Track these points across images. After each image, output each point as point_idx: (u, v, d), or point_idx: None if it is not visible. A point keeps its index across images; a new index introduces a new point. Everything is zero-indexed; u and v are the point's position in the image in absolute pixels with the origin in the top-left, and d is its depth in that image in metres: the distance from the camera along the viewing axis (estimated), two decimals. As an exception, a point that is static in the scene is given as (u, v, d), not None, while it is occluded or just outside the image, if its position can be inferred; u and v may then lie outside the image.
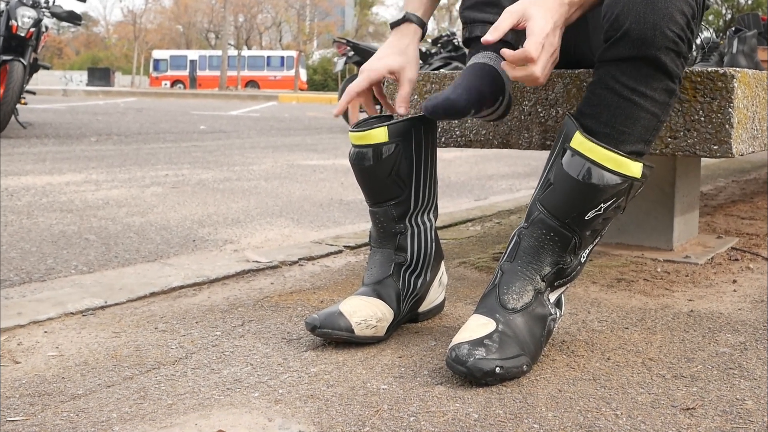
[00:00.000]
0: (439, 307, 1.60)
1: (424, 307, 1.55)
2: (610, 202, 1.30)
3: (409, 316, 1.53)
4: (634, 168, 1.29)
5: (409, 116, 1.47)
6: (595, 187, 1.28)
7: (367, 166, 1.47)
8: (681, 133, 1.68)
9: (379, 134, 1.45)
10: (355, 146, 1.48)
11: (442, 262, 1.59)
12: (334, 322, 1.38)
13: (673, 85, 1.33)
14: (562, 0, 1.35)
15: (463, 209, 3.03)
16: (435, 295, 1.57)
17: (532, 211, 1.35)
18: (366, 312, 1.41)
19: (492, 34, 1.29)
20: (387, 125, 1.44)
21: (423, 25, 1.59)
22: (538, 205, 1.34)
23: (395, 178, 1.47)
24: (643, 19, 1.27)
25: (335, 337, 1.38)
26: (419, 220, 1.52)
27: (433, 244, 1.54)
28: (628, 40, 1.29)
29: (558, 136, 1.36)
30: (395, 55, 1.55)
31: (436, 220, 1.57)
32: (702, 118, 1.66)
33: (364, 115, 1.53)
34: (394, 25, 1.60)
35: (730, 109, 1.64)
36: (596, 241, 1.38)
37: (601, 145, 1.28)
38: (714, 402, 1.17)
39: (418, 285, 1.51)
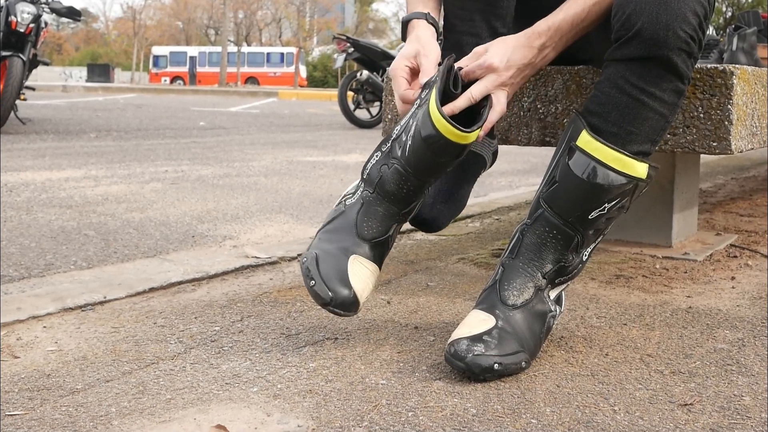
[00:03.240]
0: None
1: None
2: (614, 202, 1.30)
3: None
4: (639, 169, 1.29)
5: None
6: (600, 186, 1.28)
7: (446, 161, 1.35)
8: (680, 130, 1.68)
9: (473, 135, 1.33)
10: (448, 138, 1.32)
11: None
12: (346, 306, 1.33)
13: (682, 86, 1.33)
14: (533, 45, 1.41)
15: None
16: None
17: (535, 208, 1.35)
18: (371, 286, 1.37)
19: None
20: (480, 127, 1.36)
21: (433, 22, 1.55)
22: (542, 202, 1.34)
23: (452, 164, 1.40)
24: (656, 20, 1.27)
25: (342, 316, 1.35)
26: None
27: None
28: (639, 40, 1.28)
29: (564, 133, 1.36)
30: (409, 45, 1.50)
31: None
32: (701, 115, 1.66)
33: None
34: (404, 32, 1.56)
35: (729, 106, 1.64)
36: (599, 240, 1.38)
37: (607, 145, 1.28)
38: (712, 398, 1.17)
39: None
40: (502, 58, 1.39)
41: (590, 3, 1.41)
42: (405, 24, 1.55)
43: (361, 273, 1.35)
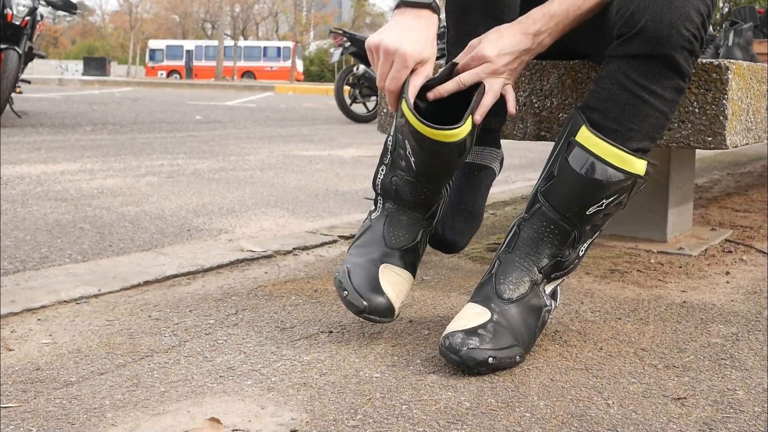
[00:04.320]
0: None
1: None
2: (612, 198, 1.30)
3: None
4: (638, 165, 1.29)
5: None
6: (599, 182, 1.28)
7: (451, 160, 1.35)
8: (675, 125, 1.68)
9: (466, 128, 1.32)
10: (437, 141, 1.31)
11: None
12: (381, 311, 1.34)
13: (683, 84, 1.33)
14: (527, 31, 1.41)
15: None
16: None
17: (533, 203, 1.35)
18: (405, 292, 1.39)
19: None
20: (471, 115, 1.34)
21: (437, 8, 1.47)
22: (540, 196, 1.34)
23: (459, 164, 1.39)
24: (660, 18, 1.26)
25: (380, 323, 1.36)
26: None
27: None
28: (643, 37, 1.28)
29: (564, 128, 1.36)
30: (425, 43, 1.39)
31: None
32: (696, 110, 1.66)
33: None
34: (413, 4, 1.40)
35: (724, 101, 1.64)
36: (595, 235, 1.39)
37: (606, 141, 1.28)
38: (705, 392, 1.18)
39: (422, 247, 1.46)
40: (494, 47, 1.40)
41: None
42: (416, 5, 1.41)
43: (393, 280, 1.37)
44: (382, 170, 1.44)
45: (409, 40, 1.37)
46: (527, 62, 1.46)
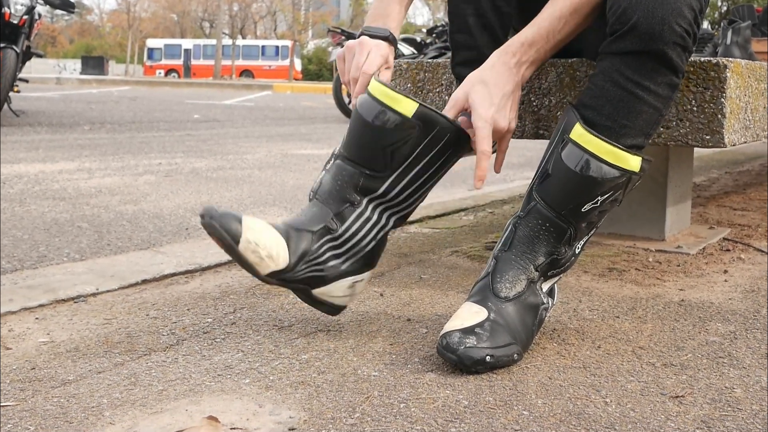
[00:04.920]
0: (334, 309, 1.41)
1: (318, 292, 1.38)
2: (607, 195, 1.30)
3: (294, 286, 1.36)
4: (633, 162, 1.29)
5: (447, 116, 1.36)
6: (593, 179, 1.28)
7: (375, 126, 1.34)
8: (673, 123, 1.68)
9: (408, 106, 1.32)
10: (374, 99, 1.34)
11: (369, 274, 1.42)
12: (226, 221, 1.28)
13: (676, 80, 1.33)
14: (509, 66, 1.39)
15: (456, 198, 3.04)
16: (337, 293, 1.39)
17: (528, 201, 1.35)
18: (263, 238, 1.30)
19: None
20: (420, 103, 1.33)
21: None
22: (535, 194, 1.34)
23: (387, 153, 1.35)
24: (652, 14, 1.27)
25: (216, 236, 1.28)
26: (377, 211, 1.39)
27: (372, 244, 1.40)
28: (635, 34, 1.28)
29: (558, 126, 1.36)
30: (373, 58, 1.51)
31: (393, 230, 1.44)
32: (694, 108, 1.66)
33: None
34: (372, 36, 1.55)
35: (722, 99, 1.64)
36: (591, 233, 1.39)
37: (600, 138, 1.28)
38: (703, 390, 1.18)
39: (329, 264, 1.36)
40: (486, 105, 1.36)
41: (567, 14, 1.38)
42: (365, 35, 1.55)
43: (258, 222, 1.32)
44: (321, 173, 1.42)
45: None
46: (521, 94, 1.46)
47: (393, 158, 1.35)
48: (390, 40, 1.54)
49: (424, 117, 1.33)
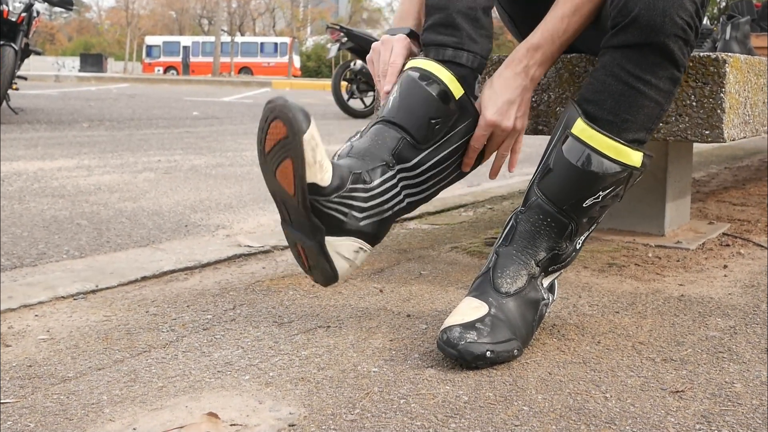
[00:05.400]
0: (331, 273, 1.36)
1: (330, 241, 1.33)
2: (608, 191, 1.30)
3: (314, 224, 1.32)
4: (634, 157, 1.29)
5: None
6: (595, 174, 1.29)
7: (430, 95, 1.38)
8: (673, 118, 1.68)
9: (456, 89, 1.39)
10: (429, 74, 1.39)
11: (370, 250, 1.39)
12: (299, 111, 1.26)
13: (678, 74, 1.33)
14: (515, 71, 1.44)
15: (456, 195, 3.03)
16: (343, 251, 1.35)
17: (529, 196, 1.35)
18: (322, 146, 1.28)
19: None
20: (464, 90, 1.40)
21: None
22: (536, 190, 1.34)
23: (431, 127, 1.38)
24: (653, 6, 1.26)
25: (284, 118, 1.24)
26: (400, 185, 1.39)
27: (389, 213, 1.39)
28: (636, 26, 1.28)
29: (559, 121, 1.36)
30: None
31: (404, 212, 1.43)
32: (694, 103, 1.66)
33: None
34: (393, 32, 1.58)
35: (721, 94, 1.64)
36: (592, 228, 1.39)
37: (602, 133, 1.28)
38: (703, 385, 1.18)
39: (352, 212, 1.34)
40: (493, 108, 1.43)
41: (569, 14, 1.42)
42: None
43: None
44: (346, 144, 1.42)
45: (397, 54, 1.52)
46: (531, 96, 1.49)
47: (433, 133, 1.39)
48: (410, 35, 1.55)
49: (464, 104, 1.41)
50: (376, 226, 1.38)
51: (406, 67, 1.45)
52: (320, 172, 1.27)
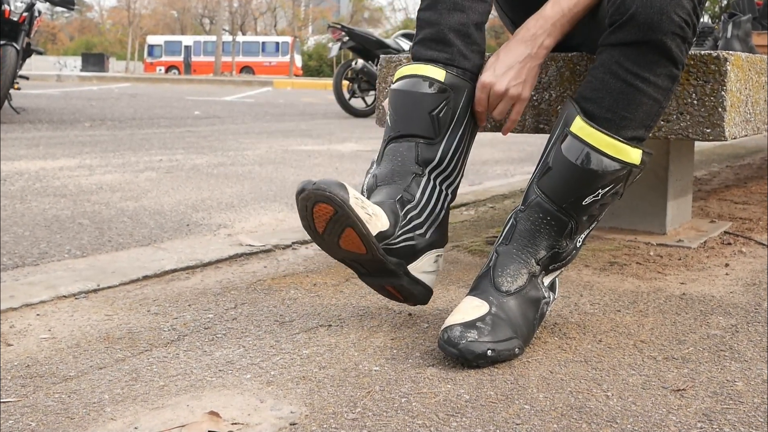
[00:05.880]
0: (426, 292, 1.42)
1: (413, 268, 1.39)
2: (608, 188, 1.30)
3: (396, 263, 1.36)
4: (633, 155, 1.29)
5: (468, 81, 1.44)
6: (594, 172, 1.29)
7: (416, 93, 1.40)
8: (674, 117, 1.67)
9: (437, 73, 1.40)
10: (406, 76, 1.42)
11: (443, 249, 1.46)
12: (331, 184, 1.25)
13: (676, 72, 1.33)
14: (524, 39, 1.45)
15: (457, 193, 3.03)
16: (427, 268, 1.41)
17: (529, 195, 1.35)
18: (366, 200, 1.31)
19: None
20: (446, 71, 1.41)
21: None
22: (536, 188, 1.34)
23: (435, 118, 1.40)
24: (650, 4, 1.27)
25: (328, 194, 1.24)
26: (439, 181, 1.42)
27: (443, 214, 1.42)
28: (634, 24, 1.28)
29: (558, 119, 1.36)
30: None
31: (452, 199, 1.46)
32: (695, 102, 1.66)
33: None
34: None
35: (723, 93, 1.64)
36: (592, 226, 1.39)
37: (601, 131, 1.28)
38: (704, 383, 1.18)
39: (416, 232, 1.37)
40: (491, 71, 1.44)
41: None
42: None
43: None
44: (368, 176, 1.45)
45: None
46: (538, 67, 1.47)
47: (439, 123, 1.40)
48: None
49: (452, 82, 1.41)
50: (439, 230, 1.42)
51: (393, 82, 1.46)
52: (378, 221, 1.31)
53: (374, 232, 1.30)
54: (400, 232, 1.35)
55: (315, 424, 1.03)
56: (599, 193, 1.31)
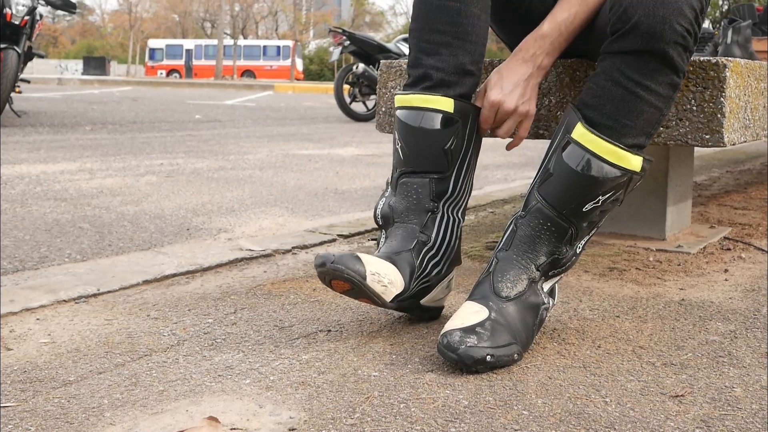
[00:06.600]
0: (438, 311, 1.50)
1: (426, 301, 1.45)
2: (608, 195, 1.31)
3: (410, 302, 1.42)
4: (634, 162, 1.29)
5: (476, 105, 1.48)
6: (595, 179, 1.29)
7: (428, 130, 1.41)
8: (673, 122, 1.68)
9: (446, 104, 1.41)
10: (414, 108, 1.43)
11: (455, 269, 1.51)
12: (348, 262, 1.30)
13: (677, 80, 1.33)
14: (523, 59, 1.48)
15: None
16: (439, 295, 1.48)
17: (529, 200, 1.36)
18: (381, 268, 1.34)
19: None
20: (454, 99, 1.42)
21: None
22: (536, 194, 1.34)
23: (447, 152, 1.42)
24: (653, 13, 1.27)
25: (346, 275, 1.29)
26: (451, 210, 1.46)
27: (457, 242, 1.47)
28: (636, 33, 1.28)
29: (559, 125, 1.37)
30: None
31: (463, 222, 1.50)
32: (694, 108, 1.66)
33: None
34: None
35: (722, 99, 1.64)
36: (592, 232, 1.39)
37: (602, 138, 1.29)
38: (703, 389, 1.18)
39: (433, 273, 1.43)
40: (497, 89, 1.47)
41: (576, 4, 1.47)
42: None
43: (367, 256, 1.36)
44: (382, 201, 1.49)
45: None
46: (539, 84, 1.52)
47: (452, 156, 1.43)
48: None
49: (462, 109, 1.43)
50: (453, 259, 1.48)
51: (395, 106, 1.48)
52: (394, 287, 1.36)
53: (389, 299, 1.36)
54: (416, 283, 1.41)
55: (314, 430, 1.03)
56: (600, 199, 1.31)
